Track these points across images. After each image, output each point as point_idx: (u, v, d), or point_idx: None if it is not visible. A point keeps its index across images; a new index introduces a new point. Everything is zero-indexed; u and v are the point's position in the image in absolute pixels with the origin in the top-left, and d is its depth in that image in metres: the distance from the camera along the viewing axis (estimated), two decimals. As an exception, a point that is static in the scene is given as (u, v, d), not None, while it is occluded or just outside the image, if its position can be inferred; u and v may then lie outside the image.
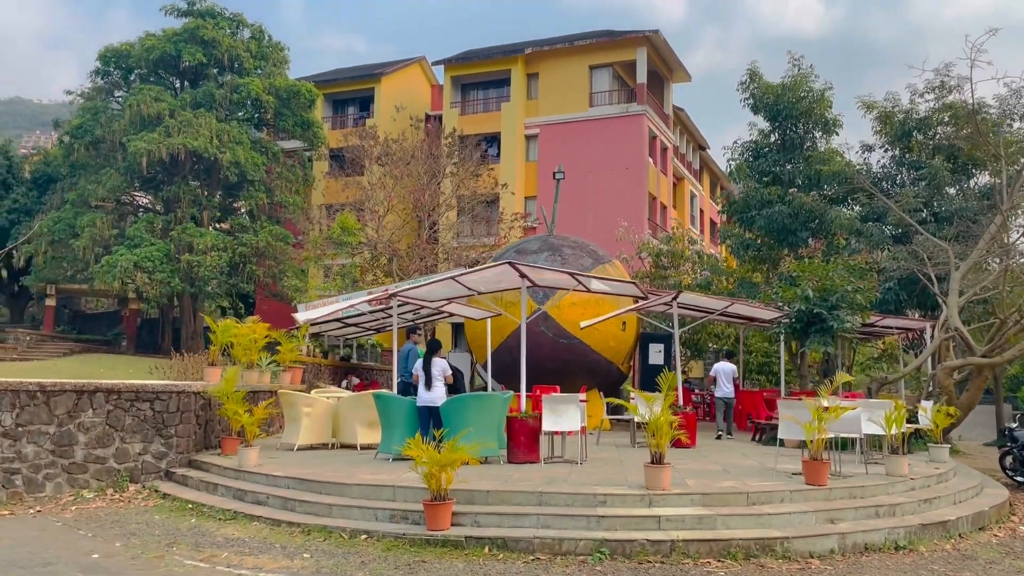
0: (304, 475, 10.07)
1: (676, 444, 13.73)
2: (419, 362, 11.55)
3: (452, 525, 8.32)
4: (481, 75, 43.02)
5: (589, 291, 12.19)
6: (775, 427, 16.09)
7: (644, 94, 39.64)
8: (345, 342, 24.84)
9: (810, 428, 9.47)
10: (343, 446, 13.68)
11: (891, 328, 19.87)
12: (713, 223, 53.86)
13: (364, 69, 48.18)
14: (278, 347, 16.83)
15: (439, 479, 8.15)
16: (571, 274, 11.13)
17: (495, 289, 12.92)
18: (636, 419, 14.00)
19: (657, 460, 9.05)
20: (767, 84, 25.62)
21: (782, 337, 18.27)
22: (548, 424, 11.22)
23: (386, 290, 11.93)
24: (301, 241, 35.44)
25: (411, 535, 8.17)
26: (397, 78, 45.49)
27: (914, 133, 25.18)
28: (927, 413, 13.09)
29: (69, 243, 36.53)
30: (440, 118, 42.07)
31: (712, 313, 17.56)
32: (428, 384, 11.27)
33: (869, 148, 26.34)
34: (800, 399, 16.25)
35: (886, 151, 26.22)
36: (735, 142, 27.09)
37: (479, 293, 13.33)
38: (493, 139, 41.19)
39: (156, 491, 11.15)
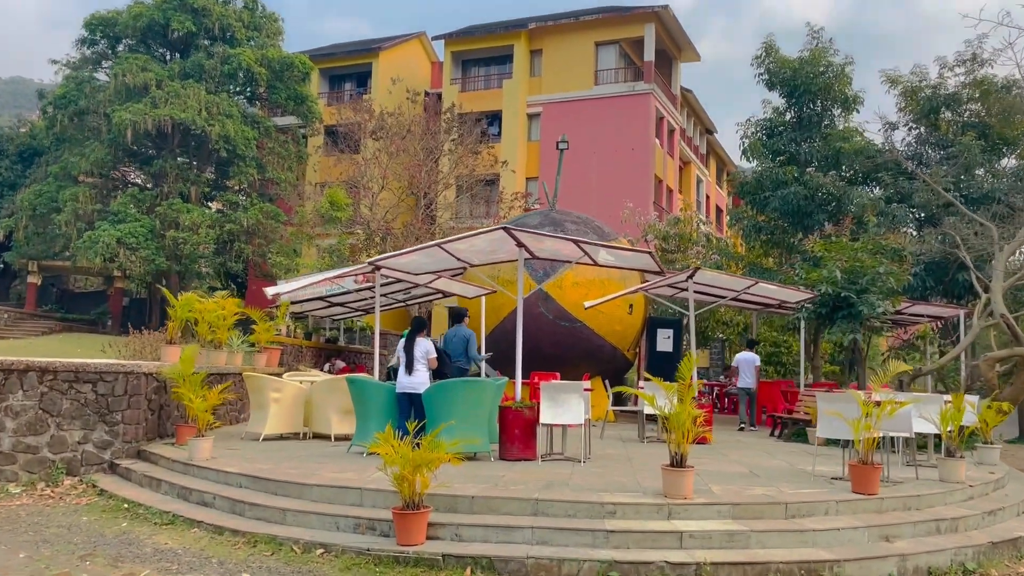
0: (259, 472, 8.56)
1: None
2: (400, 343, 10.03)
3: (428, 539, 6.81)
4: (482, 51, 41.39)
5: (596, 264, 10.67)
6: (797, 422, 14.68)
7: (652, 72, 38.03)
8: (332, 323, 23.31)
9: (858, 426, 7.96)
10: (316, 436, 12.18)
11: (921, 316, 18.32)
12: (719, 209, 52.30)
13: (362, 44, 46.49)
14: (253, 326, 15.37)
15: (413, 483, 6.65)
16: (576, 242, 9.59)
17: (489, 261, 11.39)
18: (646, 411, 12.58)
19: (678, 462, 7.54)
20: (783, 58, 24.08)
21: (802, 324, 16.72)
22: (547, 416, 9.71)
23: (368, 263, 10.43)
24: (293, 220, 33.91)
25: (377, 550, 6.66)
26: (396, 53, 43.82)
27: (942, 110, 23.66)
28: (974, 409, 11.56)
29: (51, 218, 35.06)
30: (440, 96, 40.43)
31: (725, 297, 16.04)
32: (409, 368, 9.76)
33: (893, 126, 24.81)
34: (829, 391, 14.81)
35: (911, 129, 24.73)
36: (749, 119, 25.53)
37: (471, 265, 11.81)
38: (494, 118, 39.61)
39: (94, 486, 9.65)
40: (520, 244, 9.96)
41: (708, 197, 50.71)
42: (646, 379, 9.34)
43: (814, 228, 23.48)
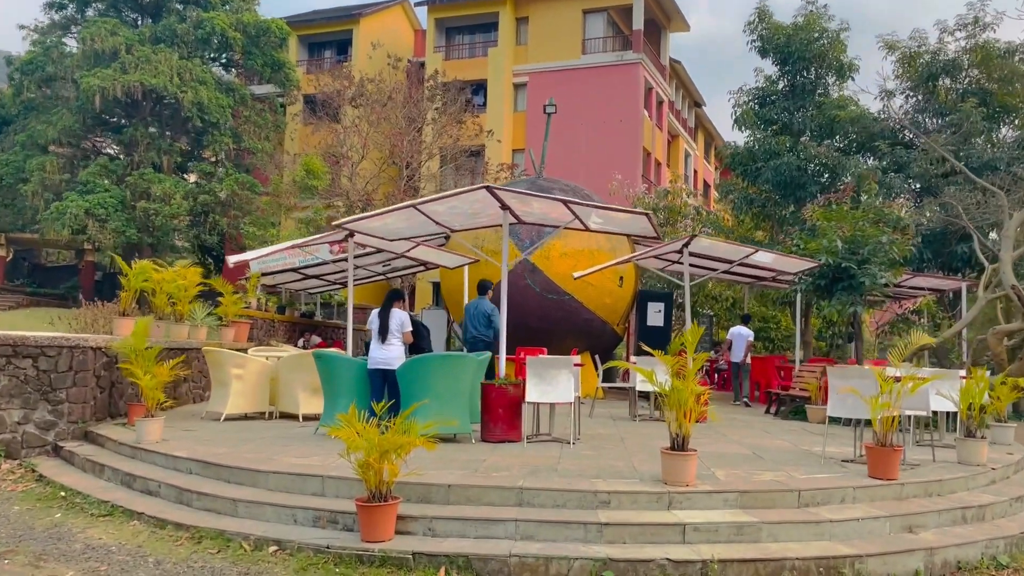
0: (211, 456, 7.69)
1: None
2: (373, 313, 9.15)
3: (397, 534, 5.99)
4: (467, 18, 40.27)
5: (587, 229, 9.80)
6: (795, 399, 13.96)
7: (640, 41, 37.06)
8: (308, 297, 22.36)
9: (876, 404, 7.17)
10: (283, 416, 11.30)
11: (921, 289, 17.61)
12: (707, 184, 51.50)
13: (342, 10, 45.10)
14: (220, 299, 14.46)
15: (379, 471, 5.81)
16: (566, 203, 8.71)
17: (471, 225, 10.49)
18: (638, 388, 11.80)
19: (679, 445, 6.73)
20: (777, 24, 23.22)
21: (798, 297, 15.95)
22: (533, 394, 8.87)
23: (336, 225, 9.47)
24: (268, 189, 32.80)
25: (338, 548, 5.82)
26: (377, 20, 42.56)
27: (941, 76, 22.87)
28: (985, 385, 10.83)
29: (18, 189, 33.79)
30: (423, 64, 39.24)
31: (716, 270, 15.22)
32: (383, 340, 8.88)
33: (889, 94, 24.01)
34: (831, 367, 14.06)
35: (908, 97, 23.94)
36: (741, 88, 24.71)
37: (452, 231, 10.89)
38: (480, 87, 38.53)
39: (33, 471, 8.76)
40: (504, 206, 9.08)
41: (696, 172, 49.86)
42: (646, 353, 8.51)
43: (807, 200, 22.80)
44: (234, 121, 35.09)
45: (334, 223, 9.70)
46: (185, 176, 37.03)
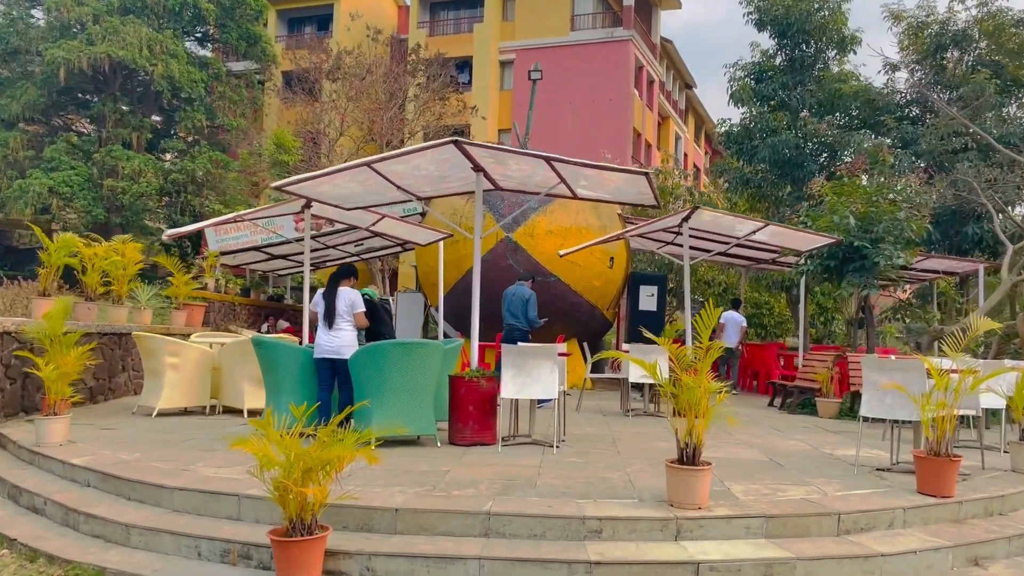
0: (114, 466, 6.29)
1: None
2: (317, 294, 7.76)
3: (325, 573, 4.63)
4: (452, -8, 38.78)
5: (575, 196, 8.40)
6: (804, 391, 12.66)
7: (631, 18, 35.66)
8: (277, 279, 20.92)
9: (930, 403, 5.85)
10: (226, 410, 9.90)
11: (934, 271, 16.33)
12: (697, 168, 50.20)
13: (323, -15, 43.50)
14: (170, 279, 13.04)
15: (302, 494, 4.44)
16: (548, 160, 7.29)
17: (440, 192, 9.05)
18: (631, 379, 10.47)
19: (689, 458, 5.39)
20: (776, -6, 22.04)
21: (802, 280, 14.65)
22: (510, 388, 7.49)
23: (275, 187, 7.97)
24: (237, 166, 31.30)
25: (247, 595, 4.46)
26: (360, -3, 40.98)
27: (949, 48, 21.59)
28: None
29: (-22, 166, 32.14)
30: (406, 42, 37.70)
31: (711, 252, 13.86)
32: (330, 324, 7.49)
33: (894, 67, 22.78)
34: (842, 355, 12.79)
35: (914, 71, 22.65)
36: (736, 62, 23.56)
37: (419, 198, 9.46)
38: (465, 65, 37.03)
39: (-85, 480, 7.34)
40: (477, 167, 7.68)
41: (686, 155, 48.54)
42: (643, 339, 7.18)
43: (805, 179, 21.66)
44: (209, 97, 33.54)
45: (274, 184, 8.23)
46: (160, 155, 35.49)
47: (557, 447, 7.60)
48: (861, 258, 12.89)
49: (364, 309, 7.63)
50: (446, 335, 14.42)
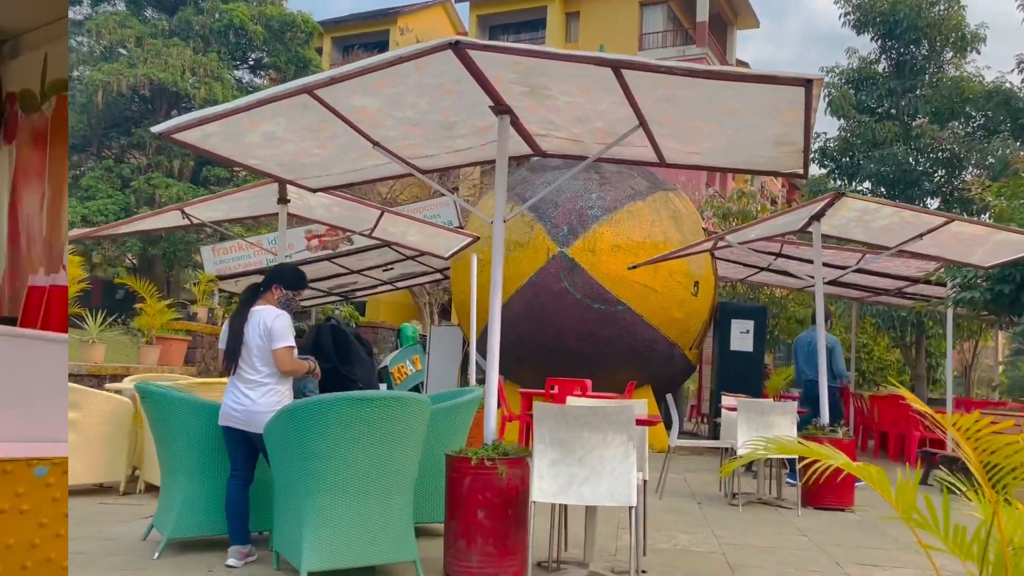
0: None
1: (816, 499, 7.06)
2: (224, 325, 4.86)
3: None
4: (512, 14, 37.27)
5: (662, 162, 5.33)
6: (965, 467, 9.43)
7: (705, 34, 33.14)
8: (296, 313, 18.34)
9: None
10: (150, 488, 7.00)
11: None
12: (773, 202, 46.88)
13: (378, 11, 42.37)
14: (139, 306, 10.55)
15: None
16: (617, 67, 4.12)
17: (448, 163, 6.07)
18: (739, 449, 7.23)
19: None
20: (879, -8, 19.35)
21: (950, 311, 11.30)
22: (547, 485, 4.45)
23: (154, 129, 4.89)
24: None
25: None
26: (415, 19, 39.77)
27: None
28: None
29: (18, 195, 30.96)
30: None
31: (845, 269, 10.50)
32: (238, 374, 4.64)
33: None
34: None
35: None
36: (833, 68, 20.78)
37: (418, 170, 6.39)
38: (527, 89, 34.82)
39: None
40: (501, 106, 4.81)
41: (763, 185, 45.29)
42: (744, 391, 4.18)
43: (921, 198, 18.49)
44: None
45: (155, 128, 5.03)
46: (212, 188, 33.95)
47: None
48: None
49: (290, 343, 4.65)
50: (479, 381, 11.50)
